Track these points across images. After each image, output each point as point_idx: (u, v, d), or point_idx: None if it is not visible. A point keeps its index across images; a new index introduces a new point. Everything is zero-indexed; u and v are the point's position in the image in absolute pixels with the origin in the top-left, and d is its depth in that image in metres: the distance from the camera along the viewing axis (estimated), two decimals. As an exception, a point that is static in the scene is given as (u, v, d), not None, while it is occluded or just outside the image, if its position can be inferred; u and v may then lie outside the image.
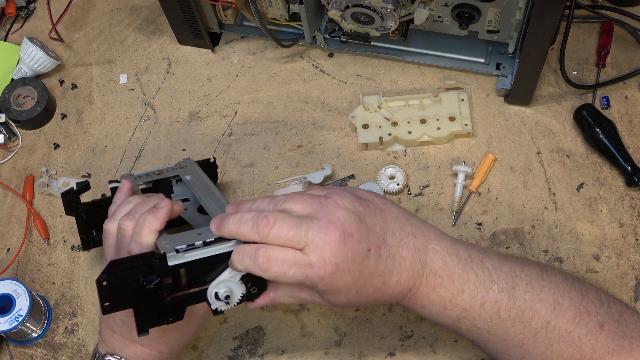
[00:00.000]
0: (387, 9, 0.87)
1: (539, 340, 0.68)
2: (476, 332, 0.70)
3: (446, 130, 0.94)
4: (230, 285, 0.67)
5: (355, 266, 0.65)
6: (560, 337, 0.68)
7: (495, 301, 0.68)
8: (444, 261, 0.68)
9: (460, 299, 0.68)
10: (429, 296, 0.68)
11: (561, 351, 0.68)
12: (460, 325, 0.70)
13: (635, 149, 0.93)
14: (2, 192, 1.00)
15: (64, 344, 0.91)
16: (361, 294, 0.67)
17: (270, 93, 1.02)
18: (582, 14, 0.99)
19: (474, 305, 0.68)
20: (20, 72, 1.05)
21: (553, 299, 0.69)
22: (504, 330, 0.69)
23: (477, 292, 0.68)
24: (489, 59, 0.98)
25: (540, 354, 0.69)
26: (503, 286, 0.68)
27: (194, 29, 1.01)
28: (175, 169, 0.89)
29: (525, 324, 0.68)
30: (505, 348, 0.70)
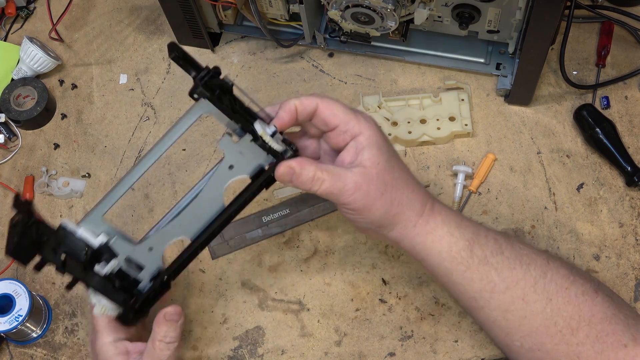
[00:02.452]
0: (387, 9, 0.87)
1: (539, 292, 0.69)
2: (486, 270, 0.70)
3: (446, 130, 0.94)
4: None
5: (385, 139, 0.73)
6: (558, 292, 0.69)
7: (496, 239, 0.72)
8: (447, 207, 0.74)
9: (468, 223, 0.73)
10: (445, 210, 0.72)
11: (560, 308, 0.68)
12: (474, 254, 0.70)
13: (635, 149, 0.93)
14: (2, 192, 1.00)
15: (64, 344, 0.91)
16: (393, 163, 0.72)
17: (270, 93, 1.02)
18: (582, 14, 0.99)
19: (480, 234, 0.72)
20: (20, 72, 1.05)
21: (546, 255, 0.72)
22: (509, 271, 0.70)
23: (479, 228, 0.73)
24: (489, 59, 0.98)
25: (541, 310, 0.69)
26: (499, 235, 0.73)
27: (194, 29, 1.01)
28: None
29: (525, 268, 0.70)
30: (509, 302, 0.70)
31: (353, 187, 0.69)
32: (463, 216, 0.74)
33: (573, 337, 0.68)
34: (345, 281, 0.90)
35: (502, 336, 0.72)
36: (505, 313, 0.70)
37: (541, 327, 0.69)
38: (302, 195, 0.95)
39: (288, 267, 0.91)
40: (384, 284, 0.89)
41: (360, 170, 0.70)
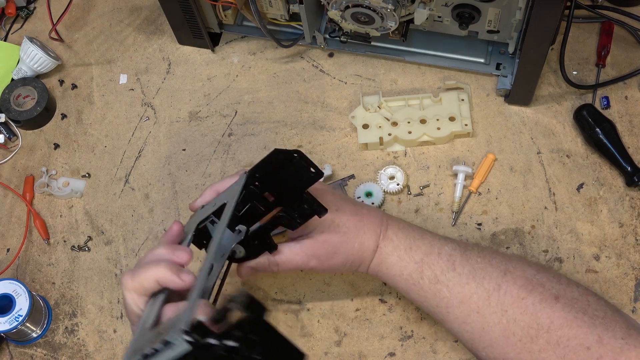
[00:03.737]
0: (387, 9, 0.87)
1: (493, 304, 0.70)
2: (437, 287, 0.73)
3: (446, 130, 0.94)
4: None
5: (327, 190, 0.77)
6: (514, 303, 0.70)
7: (450, 254, 0.74)
8: (399, 219, 0.79)
9: (421, 242, 0.75)
10: (397, 235, 0.76)
11: (517, 318, 0.69)
12: (424, 275, 0.74)
13: (635, 149, 0.93)
14: (2, 192, 1.00)
15: (64, 344, 0.91)
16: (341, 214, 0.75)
17: (270, 93, 1.02)
18: (582, 14, 0.99)
19: (432, 252, 0.74)
20: (20, 72, 1.05)
21: (504, 267, 0.73)
22: (461, 287, 0.72)
23: (433, 242, 0.76)
24: (489, 59, 0.98)
25: (497, 321, 0.70)
26: (456, 247, 0.75)
27: (194, 29, 1.01)
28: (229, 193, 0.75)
29: (478, 282, 0.72)
30: (465, 315, 0.72)
31: (305, 259, 0.75)
32: (417, 234, 0.77)
33: (534, 345, 0.69)
34: (345, 281, 0.90)
35: (468, 345, 0.75)
36: (463, 325, 0.73)
37: (500, 337, 0.71)
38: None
39: (288, 267, 0.91)
40: (384, 284, 0.89)
41: (307, 242, 0.76)
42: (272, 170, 0.73)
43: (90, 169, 1.00)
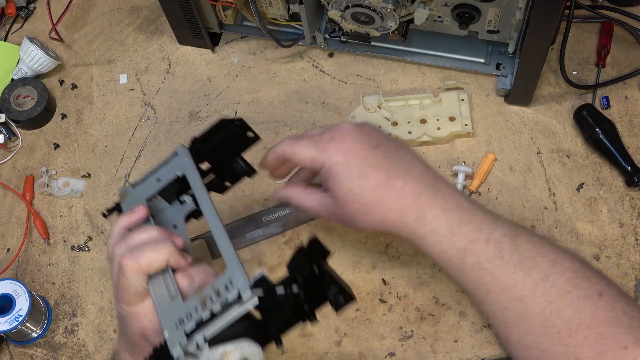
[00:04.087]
0: (387, 9, 0.87)
1: (538, 295, 0.69)
2: (480, 274, 0.70)
3: (446, 130, 0.94)
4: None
5: (361, 150, 0.72)
6: (559, 295, 0.68)
7: (499, 241, 0.70)
8: (453, 194, 0.72)
9: (466, 229, 0.70)
10: (437, 217, 0.71)
11: (560, 310, 0.68)
12: (466, 261, 0.71)
13: (635, 149, 0.93)
14: (2, 192, 1.00)
15: (64, 344, 0.91)
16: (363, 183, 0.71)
17: (270, 93, 1.02)
18: (582, 14, 0.99)
19: (479, 239, 0.70)
20: (20, 72, 1.05)
21: (553, 256, 0.70)
22: (506, 275, 0.69)
23: (482, 227, 0.71)
24: (489, 59, 0.98)
25: (540, 311, 0.69)
26: (507, 231, 0.71)
27: (194, 29, 1.01)
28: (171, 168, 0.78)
29: (525, 272, 0.69)
30: (507, 301, 0.70)
31: (326, 214, 0.77)
32: (464, 217, 0.71)
33: (571, 339, 0.68)
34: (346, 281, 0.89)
35: (501, 329, 0.73)
36: (503, 310, 0.71)
37: (539, 326, 0.69)
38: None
39: (288, 267, 0.91)
40: (384, 284, 0.89)
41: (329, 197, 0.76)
42: (213, 139, 0.78)
43: (90, 169, 1.00)
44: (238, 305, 0.62)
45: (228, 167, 0.81)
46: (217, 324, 0.63)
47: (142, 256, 0.68)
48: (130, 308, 0.70)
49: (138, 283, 0.68)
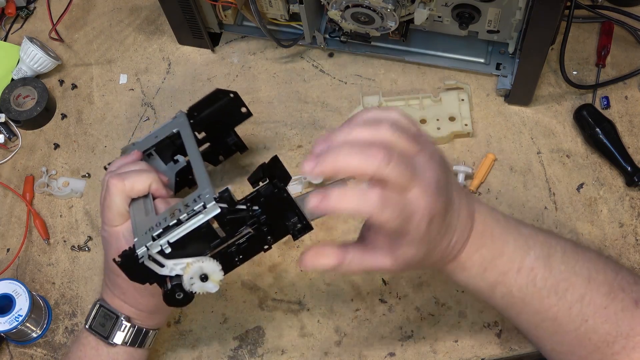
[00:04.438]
0: (387, 9, 0.87)
1: (574, 315, 0.67)
2: (511, 300, 0.68)
3: (446, 130, 0.94)
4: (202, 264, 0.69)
5: (442, 218, 0.63)
6: (596, 312, 0.66)
7: (532, 268, 0.67)
8: (486, 223, 0.67)
9: (499, 262, 0.67)
10: (471, 258, 0.67)
11: (596, 327, 0.66)
12: (496, 292, 0.68)
13: (635, 149, 0.93)
14: (2, 192, 1.00)
15: (64, 344, 0.91)
16: (432, 252, 0.65)
17: (270, 93, 1.02)
18: (582, 14, 0.99)
19: (511, 269, 0.67)
20: (20, 72, 1.05)
21: (588, 273, 0.68)
22: (539, 300, 0.67)
23: (514, 256, 0.67)
24: (489, 59, 0.98)
25: (574, 329, 0.67)
26: (539, 254, 0.68)
27: (194, 29, 1.01)
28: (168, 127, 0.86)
29: (560, 295, 0.67)
30: (539, 321, 0.69)
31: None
32: (497, 251, 0.67)
33: (608, 349, 0.67)
34: (345, 281, 0.89)
35: (532, 338, 0.72)
36: (535, 327, 0.70)
37: (574, 340, 0.68)
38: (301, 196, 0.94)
39: (288, 267, 0.91)
40: (384, 284, 0.89)
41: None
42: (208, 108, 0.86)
43: (90, 169, 1.00)
44: (202, 214, 0.68)
45: (222, 139, 0.90)
46: (181, 230, 0.68)
47: (127, 177, 0.75)
48: (111, 228, 0.76)
49: (121, 203, 0.75)
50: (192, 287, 0.69)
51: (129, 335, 0.79)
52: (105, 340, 0.78)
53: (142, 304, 0.79)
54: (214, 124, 0.88)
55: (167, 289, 0.70)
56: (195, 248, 0.69)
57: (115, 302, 0.79)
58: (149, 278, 0.70)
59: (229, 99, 0.87)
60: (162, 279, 0.70)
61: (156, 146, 0.85)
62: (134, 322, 0.79)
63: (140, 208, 0.75)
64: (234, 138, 0.91)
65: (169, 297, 0.70)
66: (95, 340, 0.79)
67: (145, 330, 0.80)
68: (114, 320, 0.78)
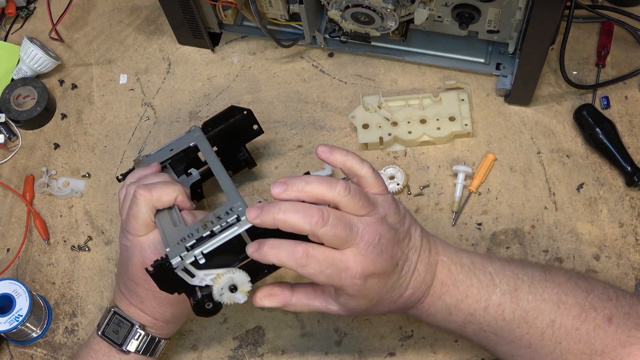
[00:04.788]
0: (387, 9, 0.87)
1: (546, 339, 0.69)
2: (483, 335, 0.71)
3: (446, 130, 0.94)
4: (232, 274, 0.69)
5: (384, 278, 0.67)
6: (568, 334, 0.68)
7: (499, 304, 0.70)
8: (449, 270, 0.71)
9: (464, 304, 0.70)
10: (435, 304, 0.71)
11: (570, 348, 0.68)
12: (467, 330, 0.72)
13: (635, 149, 0.93)
14: (2, 192, 1.00)
15: (64, 344, 0.91)
16: (379, 304, 0.70)
17: (270, 93, 1.02)
18: (582, 14, 0.99)
19: (477, 309, 0.70)
20: (20, 72, 1.05)
21: (557, 298, 0.70)
22: (510, 331, 0.70)
23: (480, 296, 0.70)
24: (489, 59, 0.98)
25: (550, 352, 0.69)
26: (505, 289, 0.70)
27: (194, 29, 1.01)
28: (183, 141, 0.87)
29: (530, 324, 0.69)
30: (514, 349, 0.71)
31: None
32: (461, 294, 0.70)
33: None
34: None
35: None
36: (513, 357, 0.72)
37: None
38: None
39: (288, 267, 0.91)
40: (384, 284, 0.89)
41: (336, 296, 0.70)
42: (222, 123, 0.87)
43: (90, 169, 1.00)
44: (236, 226, 0.68)
45: (233, 154, 0.91)
46: (215, 241, 0.68)
47: (154, 188, 0.75)
48: (135, 238, 0.76)
49: (147, 213, 0.75)
50: (222, 298, 0.69)
51: (142, 343, 0.79)
52: (118, 347, 0.78)
53: (159, 312, 0.79)
54: (226, 140, 0.89)
55: (198, 299, 0.69)
56: (223, 259, 0.70)
57: (132, 310, 0.79)
58: (179, 288, 0.70)
59: (243, 115, 0.88)
60: (191, 289, 0.70)
61: (172, 159, 0.86)
62: (148, 330, 0.79)
63: (167, 219, 0.75)
64: (245, 154, 0.91)
65: (199, 307, 0.70)
66: (108, 347, 0.79)
67: (158, 339, 0.80)
68: (128, 327, 0.78)
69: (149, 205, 0.75)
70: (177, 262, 0.69)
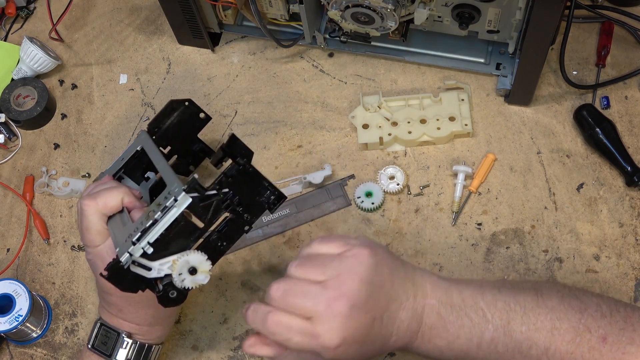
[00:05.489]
0: (387, 9, 0.87)
1: None
2: None
3: (446, 130, 0.94)
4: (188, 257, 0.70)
5: (360, 337, 0.65)
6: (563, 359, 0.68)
7: (492, 339, 0.68)
8: (439, 314, 0.69)
9: (456, 345, 0.69)
10: (424, 346, 0.69)
11: None
12: None
13: (635, 149, 0.93)
14: (2, 192, 1.00)
15: (64, 344, 0.91)
16: (362, 356, 0.68)
17: (270, 93, 1.02)
18: (582, 14, 0.99)
19: (471, 347, 0.69)
20: (20, 72, 1.05)
21: (550, 324, 0.68)
22: None
23: (472, 335, 0.68)
24: (489, 59, 0.98)
25: None
26: (498, 323, 0.68)
27: (194, 29, 1.01)
28: (132, 147, 0.87)
29: (524, 354, 0.68)
30: None
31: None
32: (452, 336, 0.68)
33: None
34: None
35: None
36: None
37: None
38: (302, 196, 0.95)
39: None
40: (384, 284, 0.89)
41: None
42: (167, 120, 0.86)
43: (90, 169, 1.00)
44: (175, 207, 0.68)
45: (188, 148, 0.90)
46: (159, 228, 0.69)
47: (98, 196, 0.76)
48: (95, 249, 0.76)
49: (97, 222, 0.76)
50: (184, 283, 0.70)
51: (131, 351, 0.79)
52: (108, 358, 0.79)
53: (140, 317, 0.79)
54: (176, 136, 0.88)
55: (159, 290, 0.70)
56: (178, 245, 0.70)
57: (115, 321, 0.79)
58: (140, 284, 0.70)
59: (185, 107, 0.87)
60: (152, 282, 0.70)
61: (124, 168, 0.85)
62: (136, 337, 0.79)
63: (117, 223, 0.76)
64: (200, 144, 0.91)
65: (163, 298, 0.71)
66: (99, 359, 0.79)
67: (147, 345, 0.80)
68: (115, 337, 0.79)
69: (97, 214, 0.76)
70: (126, 259, 0.69)
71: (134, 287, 0.70)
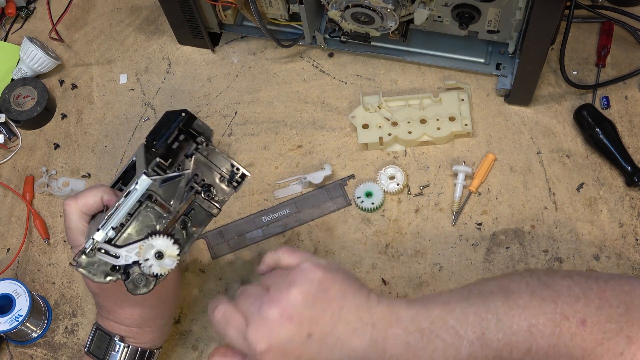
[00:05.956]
0: (387, 9, 0.87)
1: None
2: None
3: (446, 130, 0.94)
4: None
5: (291, 349, 0.64)
6: (547, 355, 0.67)
7: (469, 354, 0.66)
8: (407, 344, 0.66)
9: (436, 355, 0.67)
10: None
11: None
12: None
13: (635, 149, 0.93)
14: (2, 192, 1.00)
15: (64, 344, 0.91)
16: None
17: (270, 93, 1.02)
18: (582, 14, 0.99)
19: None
20: (20, 72, 1.05)
21: (526, 324, 0.67)
22: None
23: (448, 355, 0.66)
24: (489, 59, 0.98)
25: None
26: (472, 337, 0.67)
27: (194, 29, 1.01)
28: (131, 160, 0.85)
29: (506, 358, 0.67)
30: None
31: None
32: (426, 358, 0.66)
33: None
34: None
35: None
36: None
37: None
38: (302, 196, 0.95)
39: (288, 267, 0.91)
40: (384, 284, 0.89)
41: None
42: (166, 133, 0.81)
43: (90, 169, 1.00)
44: (137, 189, 0.69)
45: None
46: (121, 212, 0.70)
47: (79, 196, 0.77)
48: (77, 249, 0.75)
49: (78, 221, 0.76)
50: (151, 269, 0.69)
51: (124, 356, 0.79)
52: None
53: (127, 317, 0.78)
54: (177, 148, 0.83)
55: (127, 278, 0.70)
56: (145, 231, 0.70)
57: (106, 323, 0.79)
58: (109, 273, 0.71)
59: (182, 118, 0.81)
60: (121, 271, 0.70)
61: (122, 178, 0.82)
62: (128, 341, 0.79)
63: (97, 220, 0.75)
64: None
65: (131, 285, 0.71)
66: None
67: (141, 350, 0.80)
68: (107, 341, 0.79)
69: (77, 213, 0.76)
70: (90, 244, 0.69)
71: (103, 276, 0.70)
